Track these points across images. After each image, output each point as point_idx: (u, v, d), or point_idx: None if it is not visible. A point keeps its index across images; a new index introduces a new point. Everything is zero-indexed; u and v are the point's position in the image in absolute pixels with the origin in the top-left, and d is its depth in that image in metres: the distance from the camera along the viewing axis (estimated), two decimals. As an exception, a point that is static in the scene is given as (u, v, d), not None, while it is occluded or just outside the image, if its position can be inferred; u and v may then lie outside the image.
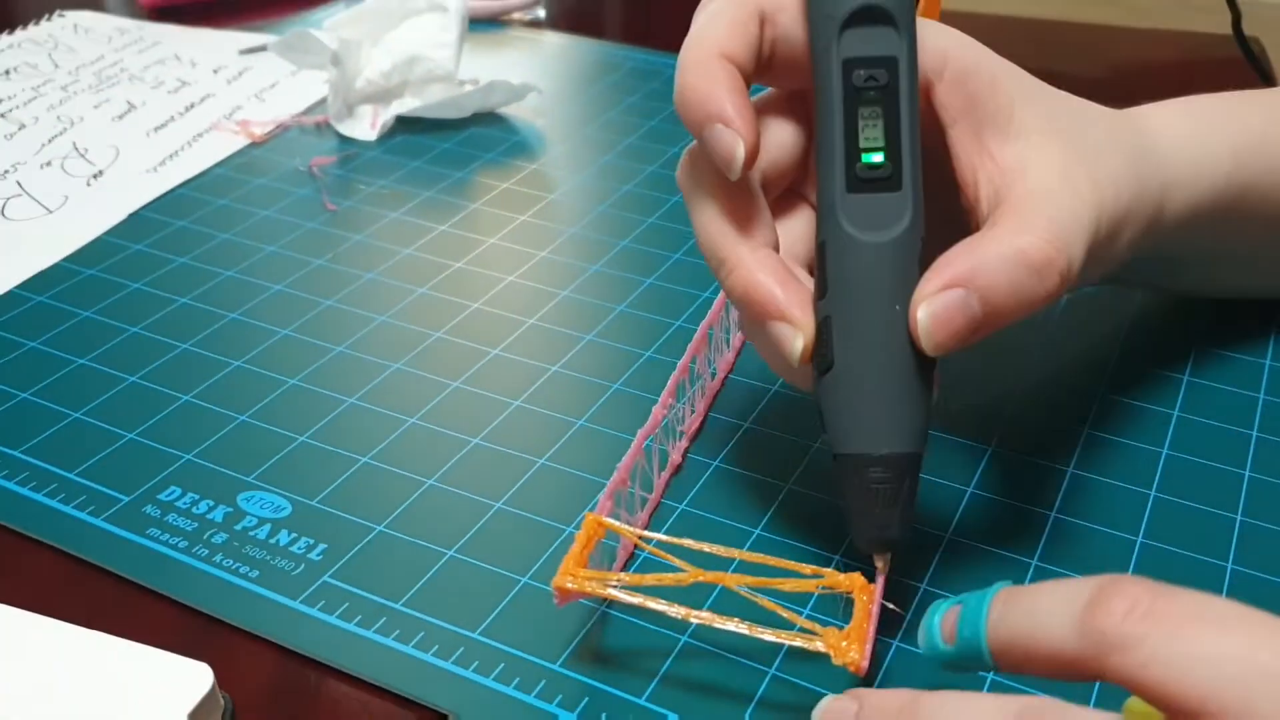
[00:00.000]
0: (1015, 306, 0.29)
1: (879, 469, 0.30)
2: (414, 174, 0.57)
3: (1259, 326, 0.45)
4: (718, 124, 0.30)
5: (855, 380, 0.30)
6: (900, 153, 0.30)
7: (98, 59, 0.70)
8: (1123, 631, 0.22)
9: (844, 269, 0.30)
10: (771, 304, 0.30)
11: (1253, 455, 0.38)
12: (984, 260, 0.29)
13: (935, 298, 0.29)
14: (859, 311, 0.30)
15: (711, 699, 0.30)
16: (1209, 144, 0.37)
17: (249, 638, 0.32)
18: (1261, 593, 0.33)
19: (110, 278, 0.48)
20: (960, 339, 0.29)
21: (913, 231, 0.30)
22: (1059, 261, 0.30)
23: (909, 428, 0.30)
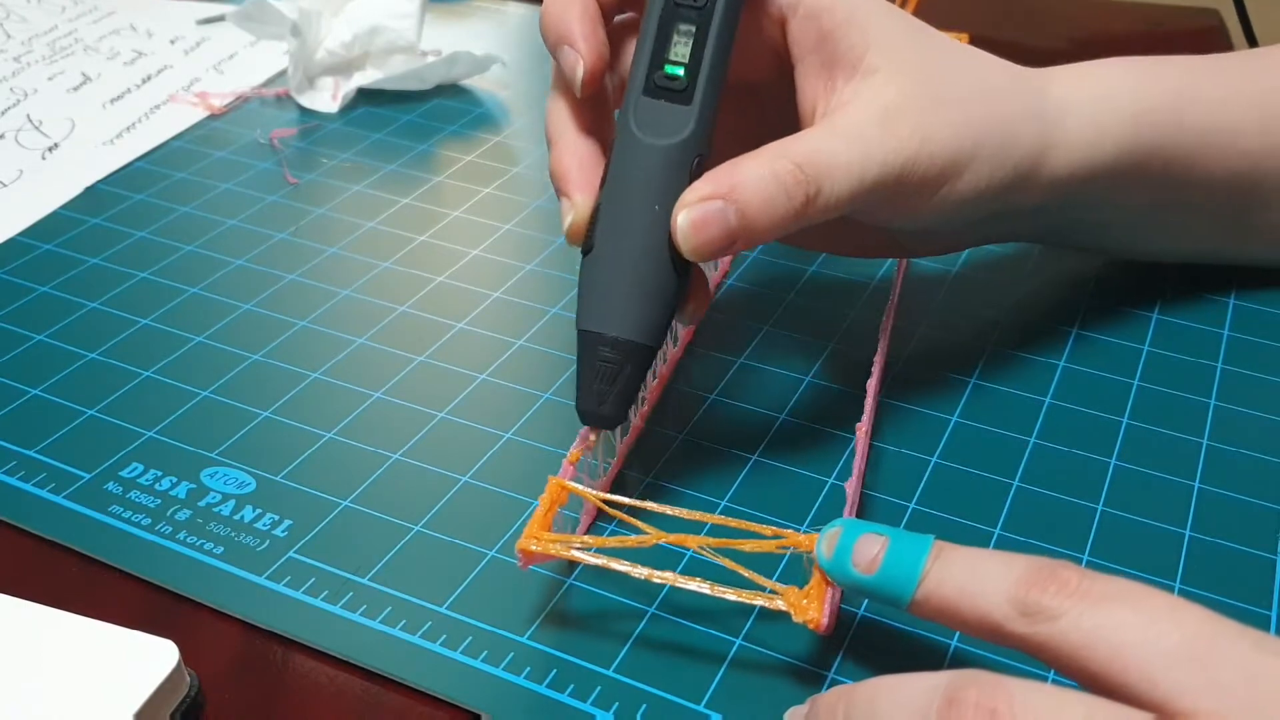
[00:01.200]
0: (768, 223, 0.32)
1: (607, 349, 0.32)
2: (376, 147, 0.56)
3: (1218, 296, 0.45)
4: (565, 46, 0.33)
5: (607, 266, 0.32)
6: (699, 71, 0.32)
7: (51, 29, 0.68)
8: (1050, 604, 0.24)
9: (622, 164, 0.33)
10: (561, 181, 0.34)
11: (1217, 386, 0.39)
12: (744, 176, 0.32)
13: (696, 205, 0.31)
14: (624, 205, 0.32)
15: (680, 666, 0.31)
16: (1111, 105, 0.38)
17: (214, 614, 0.32)
18: (1216, 558, 0.34)
19: (67, 253, 0.47)
20: (716, 247, 0.32)
21: (690, 143, 0.32)
22: (805, 185, 0.32)
23: (646, 321, 0.32)
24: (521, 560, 0.31)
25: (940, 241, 0.42)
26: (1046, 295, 0.46)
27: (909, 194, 0.34)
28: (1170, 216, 0.42)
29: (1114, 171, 0.39)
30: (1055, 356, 0.42)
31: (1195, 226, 0.43)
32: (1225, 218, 0.43)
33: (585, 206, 0.33)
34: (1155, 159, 0.39)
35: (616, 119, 0.33)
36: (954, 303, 0.45)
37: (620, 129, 0.33)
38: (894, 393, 0.40)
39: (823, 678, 0.30)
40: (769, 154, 0.32)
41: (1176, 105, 0.39)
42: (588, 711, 0.29)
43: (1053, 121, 0.37)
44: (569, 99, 0.34)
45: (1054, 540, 0.34)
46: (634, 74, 0.33)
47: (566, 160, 0.34)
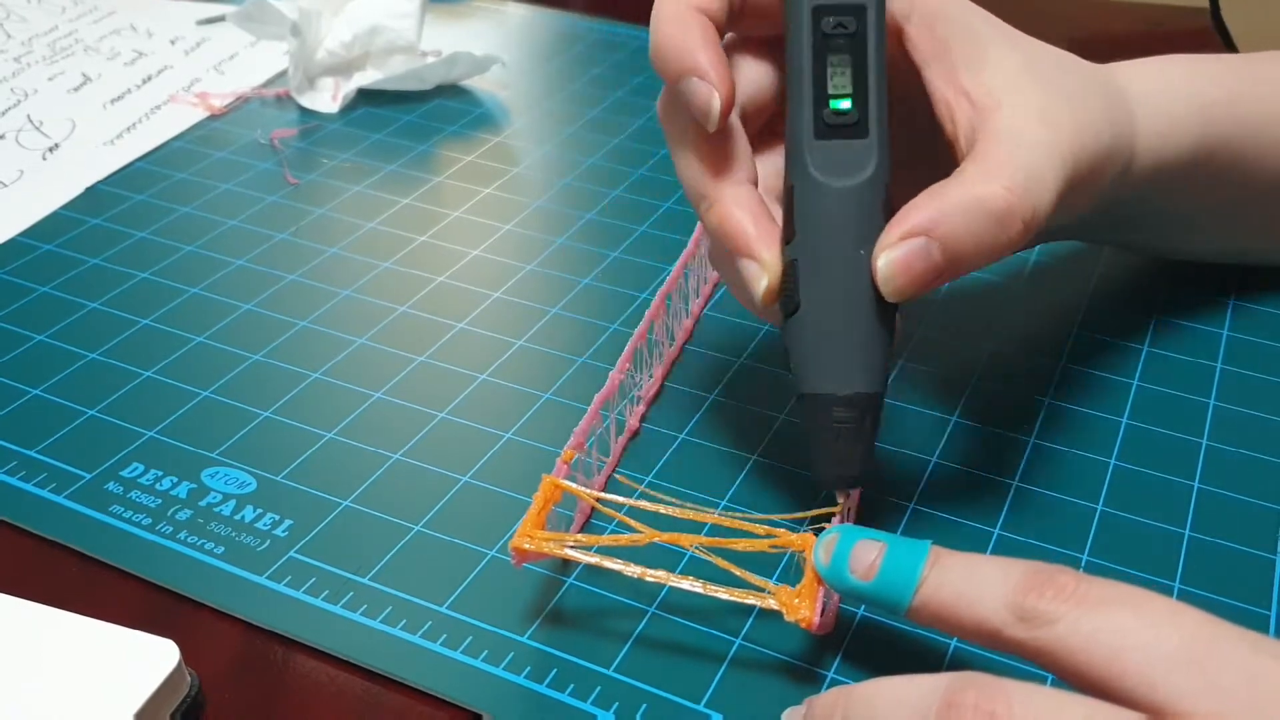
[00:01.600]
0: (976, 254, 0.30)
1: (842, 408, 0.31)
2: (377, 147, 0.56)
3: (1217, 296, 0.45)
4: (693, 77, 0.30)
5: (820, 322, 0.31)
6: (867, 100, 0.30)
7: (51, 29, 0.68)
8: (1048, 609, 0.24)
9: (810, 213, 0.30)
10: (743, 241, 0.31)
11: (1217, 386, 0.39)
12: (945, 208, 0.30)
13: (896, 246, 0.30)
14: (825, 256, 0.30)
15: (680, 666, 0.31)
16: (1178, 100, 0.38)
17: (215, 614, 0.32)
18: (1215, 558, 0.34)
19: (67, 253, 0.48)
20: (921, 286, 0.30)
21: (878, 177, 0.30)
22: (1022, 210, 0.30)
23: (871, 369, 0.31)
24: (515, 558, 0.31)
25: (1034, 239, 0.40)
26: (1046, 296, 0.46)
27: (1074, 193, 0.32)
28: (1229, 215, 0.42)
29: (1185, 164, 0.38)
30: (1055, 357, 0.42)
31: (1253, 224, 0.43)
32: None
33: (776, 264, 0.31)
34: (1221, 152, 0.39)
35: (788, 166, 0.31)
36: (954, 303, 0.45)
37: (798, 177, 0.31)
38: (894, 393, 0.40)
39: (822, 678, 0.30)
40: (966, 181, 0.30)
41: (1235, 100, 0.39)
42: (588, 711, 0.29)
43: (1131, 115, 0.36)
44: (701, 145, 0.32)
45: (1054, 540, 0.34)
46: (796, 115, 0.31)
47: (738, 218, 0.31)
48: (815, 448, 0.31)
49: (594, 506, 0.33)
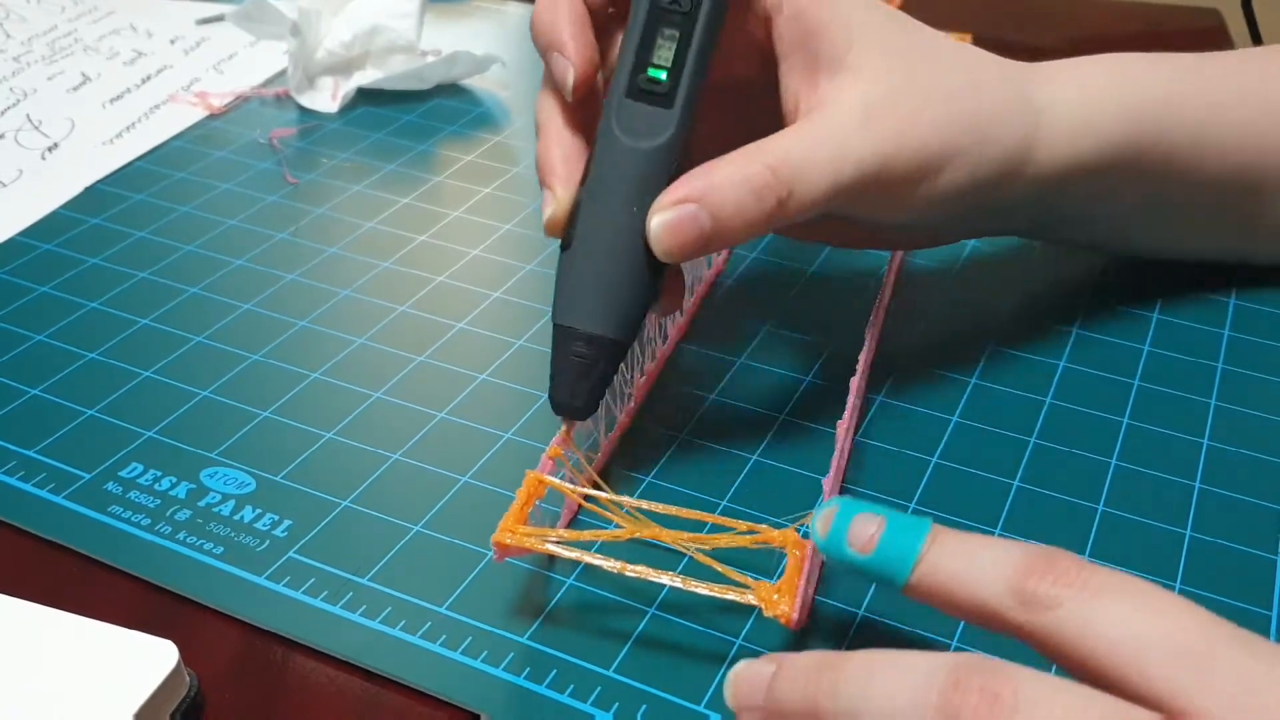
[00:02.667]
0: (740, 225, 0.32)
1: (582, 344, 0.33)
2: (376, 146, 0.56)
3: (1217, 296, 0.45)
4: (555, 53, 0.34)
5: (584, 263, 0.33)
6: (682, 75, 0.33)
7: (51, 29, 0.68)
8: (1049, 593, 0.24)
9: (602, 164, 0.33)
10: (545, 172, 0.34)
11: (1217, 386, 0.39)
12: (716, 180, 0.32)
13: (669, 209, 0.32)
14: (603, 204, 0.33)
15: (680, 666, 0.31)
16: (1102, 101, 0.38)
17: (214, 615, 0.32)
18: (1216, 558, 0.34)
19: (67, 253, 0.47)
20: (689, 249, 0.32)
21: (671, 146, 0.33)
22: (777, 188, 0.32)
23: (620, 318, 0.33)
24: (496, 553, 0.31)
25: (926, 235, 0.42)
26: (1046, 295, 0.46)
27: (889, 191, 0.35)
28: (1169, 214, 0.42)
29: (1103, 167, 0.39)
30: (1055, 356, 0.42)
31: (1196, 225, 0.43)
32: (1226, 216, 0.43)
33: (566, 201, 0.34)
34: (1148, 155, 0.39)
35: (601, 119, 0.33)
36: (953, 303, 0.45)
37: (602, 129, 0.33)
38: (894, 393, 0.40)
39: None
40: (742, 157, 0.32)
41: (1169, 102, 0.39)
42: (588, 711, 0.29)
43: (1039, 116, 0.37)
44: (559, 95, 0.35)
45: (1054, 540, 0.34)
46: (617, 76, 0.33)
47: (552, 153, 0.34)
48: (554, 374, 0.34)
49: (579, 503, 0.33)
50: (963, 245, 0.48)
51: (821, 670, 0.25)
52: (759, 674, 0.26)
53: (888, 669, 0.24)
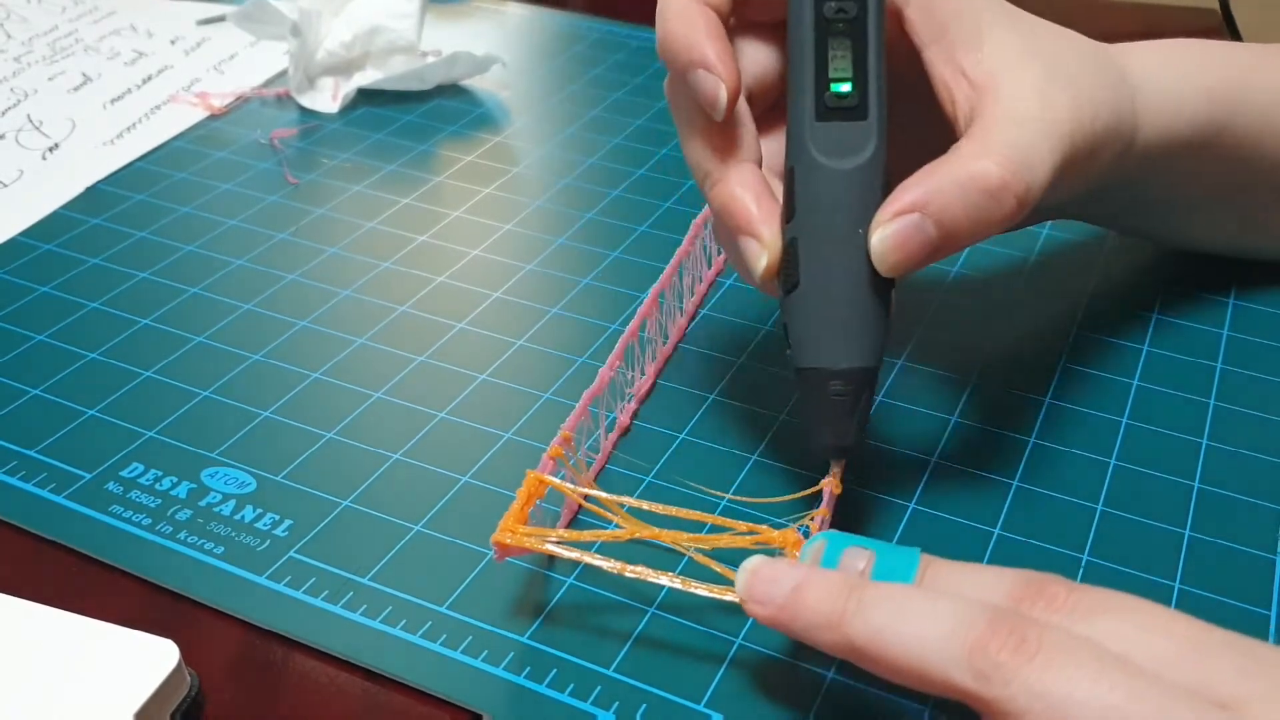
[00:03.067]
0: (971, 229, 0.30)
1: (838, 382, 0.32)
2: (377, 147, 0.56)
3: (1217, 296, 0.45)
4: (700, 69, 0.31)
5: (818, 300, 0.32)
6: (867, 83, 0.31)
7: (51, 29, 0.68)
8: (1041, 619, 0.24)
9: (811, 194, 0.31)
10: (744, 219, 0.32)
11: (1217, 386, 0.39)
12: (939, 185, 0.30)
13: (890, 223, 0.30)
14: (824, 235, 0.31)
15: (680, 666, 0.31)
16: (1184, 80, 0.38)
17: (215, 614, 0.32)
18: (1216, 558, 0.34)
19: (67, 252, 0.48)
20: (915, 261, 0.30)
21: (876, 159, 0.31)
22: (1015, 186, 0.30)
23: (867, 344, 0.32)
24: (496, 553, 0.31)
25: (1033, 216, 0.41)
26: (1045, 295, 0.46)
27: (1068, 175, 0.33)
28: (1235, 204, 0.42)
29: (1188, 145, 0.38)
30: (1054, 356, 0.42)
31: (1259, 216, 0.43)
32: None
33: (777, 243, 0.32)
34: (1225, 135, 0.39)
35: (789, 148, 0.32)
36: (953, 303, 0.45)
37: (798, 158, 0.31)
38: (894, 393, 0.40)
39: (822, 677, 0.30)
40: (960, 158, 0.31)
41: (1243, 85, 0.39)
42: (588, 711, 0.29)
43: (1138, 92, 0.36)
44: (707, 128, 0.33)
45: (1054, 540, 0.34)
46: (798, 99, 0.31)
47: (740, 197, 0.32)
48: (811, 419, 0.32)
49: (579, 503, 0.33)
50: (963, 245, 0.48)
51: (852, 587, 0.25)
52: (781, 575, 0.27)
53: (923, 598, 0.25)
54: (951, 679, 0.23)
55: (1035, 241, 0.48)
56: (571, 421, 0.34)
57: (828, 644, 0.26)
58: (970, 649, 0.23)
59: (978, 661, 0.23)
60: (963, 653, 0.23)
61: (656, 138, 0.57)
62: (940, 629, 0.24)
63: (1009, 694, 0.22)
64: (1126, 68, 0.37)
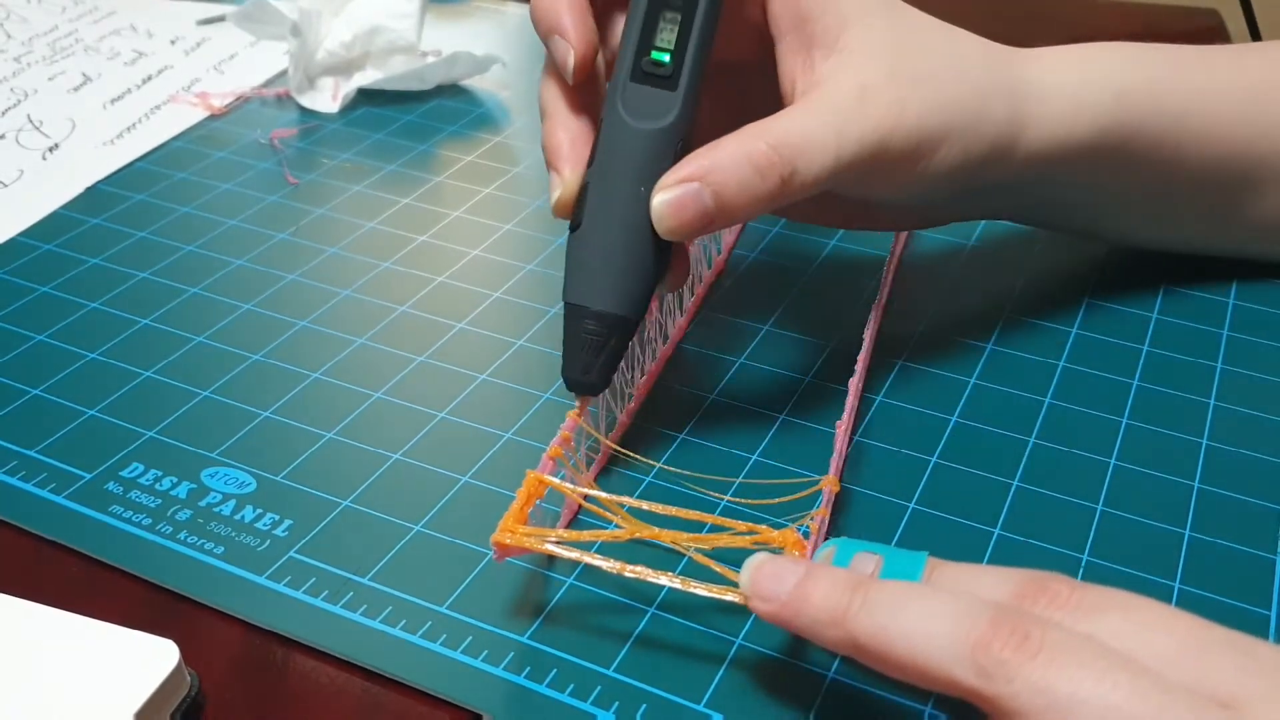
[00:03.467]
0: (743, 204, 0.33)
1: (593, 321, 0.34)
2: (377, 147, 0.56)
3: (1217, 296, 0.45)
4: (556, 36, 0.34)
5: (593, 243, 0.34)
6: (684, 58, 0.34)
7: (51, 29, 0.68)
8: (1044, 617, 0.24)
9: (609, 146, 0.34)
10: (552, 156, 0.35)
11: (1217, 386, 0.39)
12: (719, 158, 0.32)
13: (673, 188, 0.33)
14: (611, 185, 0.34)
15: (680, 666, 0.31)
16: (1092, 85, 0.39)
17: (215, 614, 0.32)
18: (1216, 558, 0.34)
19: (68, 253, 0.47)
20: (692, 228, 0.33)
21: (676, 128, 0.33)
22: (781, 166, 0.32)
23: (629, 295, 0.34)
24: (496, 553, 0.31)
25: (919, 215, 0.42)
26: (1045, 295, 0.46)
27: (886, 170, 0.35)
28: (1157, 202, 0.43)
29: (1092, 150, 0.39)
30: (1055, 356, 0.42)
31: (1184, 214, 0.43)
32: (1214, 206, 0.43)
33: (573, 182, 0.34)
34: (1136, 141, 0.39)
35: (605, 102, 0.34)
36: (952, 303, 0.45)
37: (608, 112, 0.34)
38: (894, 393, 0.40)
39: (823, 677, 0.30)
40: (744, 136, 0.33)
41: (1157, 89, 0.40)
42: (588, 711, 0.29)
43: (1029, 98, 0.37)
44: (561, 79, 0.35)
45: (1054, 540, 0.34)
46: (621, 59, 0.34)
47: (558, 136, 0.35)
48: (566, 351, 0.34)
49: (579, 503, 0.33)
50: (960, 247, 0.48)
51: (856, 584, 0.26)
52: (785, 571, 0.27)
53: (926, 595, 0.25)
54: (954, 676, 0.23)
55: (1034, 243, 0.48)
56: (571, 421, 0.34)
57: (831, 641, 0.26)
58: (973, 646, 0.23)
59: (981, 658, 0.23)
60: (966, 650, 0.23)
61: (656, 138, 0.57)
62: (943, 626, 0.24)
63: (1012, 691, 0.23)
64: (1023, 73, 0.38)
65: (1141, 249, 0.46)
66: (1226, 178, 0.41)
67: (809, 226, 0.49)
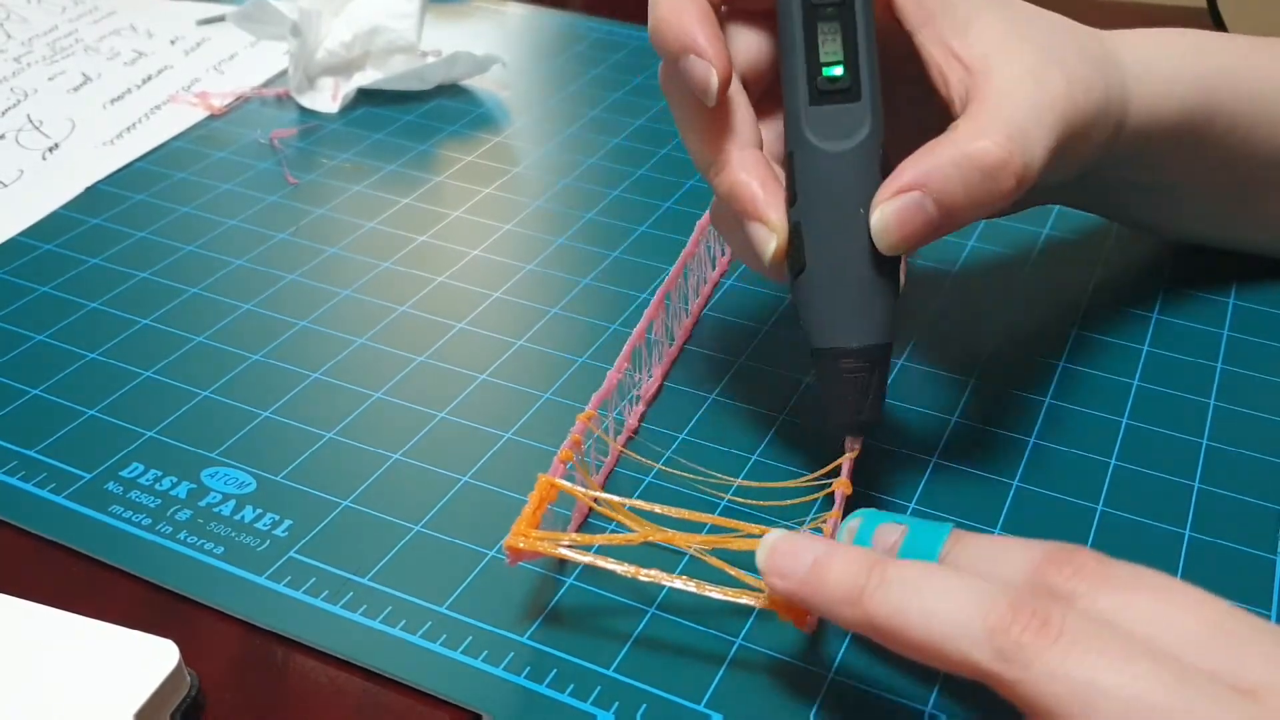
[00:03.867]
0: (970, 207, 0.31)
1: (852, 360, 0.32)
2: (377, 147, 0.56)
3: (1217, 296, 0.45)
4: (691, 55, 0.31)
5: (826, 281, 0.32)
6: (858, 65, 0.32)
7: (51, 29, 0.68)
8: (1068, 589, 0.24)
9: (811, 177, 0.32)
10: (751, 205, 0.32)
11: (1217, 386, 0.39)
12: (937, 164, 0.31)
13: (891, 201, 0.31)
14: (826, 216, 0.32)
15: (680, 666, 0.31)
16: (1175, 65, 0.38)
17: (214, 614, 0.32)
18: (1216, 558, 0.34)
19: (68, 253, 0.47)
20: (916, 239, 0.31)
21: (873, 139, 0.32)
22: (1013, 164, 0.31)
23: (877, 321, 0.32)
24: (510, 557, 0.31)
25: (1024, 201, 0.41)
26: (1045, 296, 0.46)
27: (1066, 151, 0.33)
28: (1231, 193, 0.42)
29: (1177, 130, 0.38)
30: (1055, 357, 0.42)
31: (1257, 206, 0.43)
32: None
33: (784, 227, 0.32)
34: (1216, 122, 0.39)
35: (787, 132, 0.32)
36: (952, 304, 0.45)
37: (796, 144, 0.32)
38: (894, 393, 0.40)
39: (823, 677, 0.30)
40: (958, 137, 0.31)
41: (1234, 72, 0.39)
42: (588, 711, 0.29)
43: (1128, 77, 0.37)
44: (704, 115, 0.33)
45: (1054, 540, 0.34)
46: (791, 85, 0.32)
47: (745, 179, 0.32)
48: (829, 398, 0.33)
49: (590, 506, 0.33)
50: (961, 247, 0.48)
51: (874, 563, 0.25)
52: (802, 549, 0.27)
53: (945, 575, 0.25)
54: (971, 659, 0.23)
55: (1035, 241, 0.48)
56: (580, 424, 0.34)
57: (848, 620, 0.26)
58: (992, 629, 0.23)
59: (999, 642, 0.23)
60: (984, 633, 0.23)
61: (656, 138, 0.57)
62: (962, 607, 0.24)
63: (1030, 676, 0.22)
64: (1116, 51, 0.37)
65: (1143, 243, 0.46)
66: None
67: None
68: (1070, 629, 0.22)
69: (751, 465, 0.37)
